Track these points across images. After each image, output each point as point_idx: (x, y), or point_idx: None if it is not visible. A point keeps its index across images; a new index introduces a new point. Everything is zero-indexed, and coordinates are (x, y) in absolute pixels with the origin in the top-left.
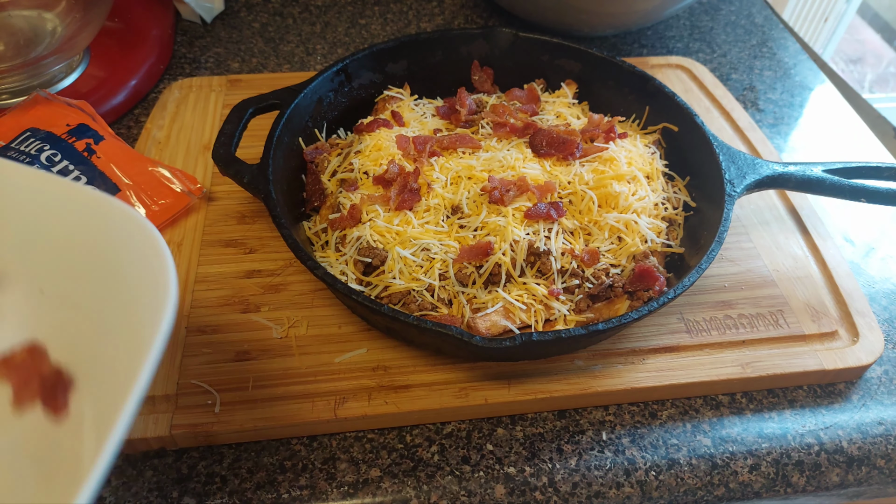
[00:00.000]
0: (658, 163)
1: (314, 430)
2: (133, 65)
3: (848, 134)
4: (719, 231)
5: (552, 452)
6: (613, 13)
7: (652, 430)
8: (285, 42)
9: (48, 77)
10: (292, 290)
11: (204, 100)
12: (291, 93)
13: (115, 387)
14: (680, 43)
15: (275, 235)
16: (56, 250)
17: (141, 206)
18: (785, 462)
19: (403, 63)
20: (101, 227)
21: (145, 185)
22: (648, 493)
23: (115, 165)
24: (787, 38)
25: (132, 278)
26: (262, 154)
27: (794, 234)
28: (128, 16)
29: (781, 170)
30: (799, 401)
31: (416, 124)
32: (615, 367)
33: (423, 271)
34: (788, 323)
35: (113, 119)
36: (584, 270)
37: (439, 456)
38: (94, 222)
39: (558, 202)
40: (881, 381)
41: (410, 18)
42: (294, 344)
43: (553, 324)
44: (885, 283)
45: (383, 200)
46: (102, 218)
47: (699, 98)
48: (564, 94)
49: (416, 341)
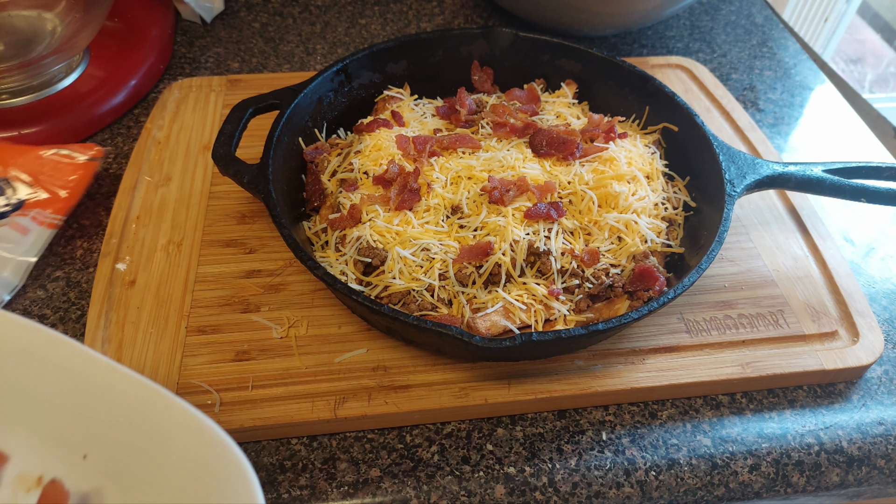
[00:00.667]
0: (658, 163)
1: (314, 430)
2: (133, 65)
3: (848, 134)
4: (719, 231)
5: (552, 452)
6: (613, 13)
7: (652, 430)
8: (285, 42)
9: (48, 77)
10: (292, 290)
11: (204, 100)
12: (291, 93)
13: None
14: (680, 43)
15: (275, 235)
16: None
17: (46, 193)
18: (785, 462)
19: (403, 63)
20: (200, 460)
21: (45, 172)
22: (648, 493)
23: (4, 165)
24: (787, 38)
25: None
26: (262, 154)
27: (794, 234)
28: (128, 16)
29: (781, 170)
30: (799, 401)
31: (416, 124)
32: (615, 367)
33: (423, 271)
34: (788, 323)
35: (113, 119)
36: (584, 270)
37: (439, 456)
38: (195, 453)
39: (558, 202)
40: (881, 381)
41: (410, 18)
42: (294, 344)
43: (553, 324)
44: (885, 283)
45: (383, 200)
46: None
47: (699, 98)
48: (564, 94)
49: (416, 341)
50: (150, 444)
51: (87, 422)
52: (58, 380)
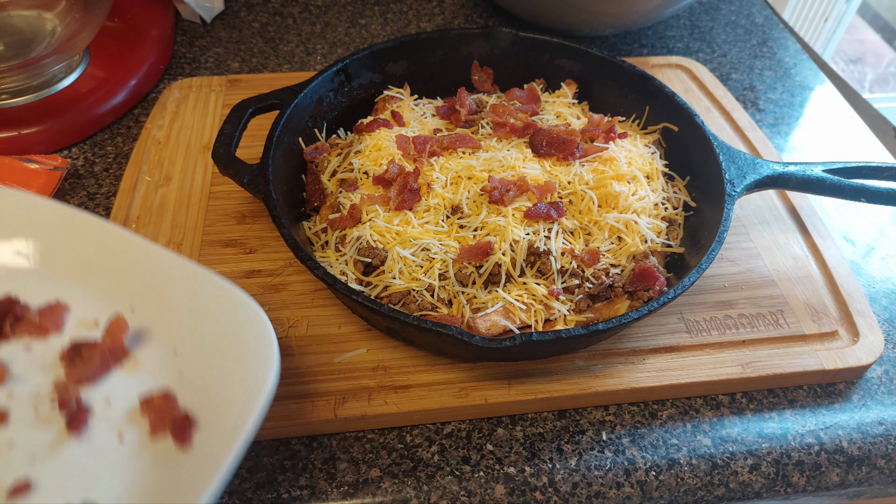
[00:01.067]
0: (658, 163)
1: (314, 430)
2: (133, 65)
3: (848, 134)
4: (719, 231)
5: (552, 452)
6: (613, 13)
7: (652, 430)
8: (285, 42)
9: (48, 77)
10: (292, 290)
11: (204, 100)
12: (291, 93)
13: (227, 432)
14: (680, 43)
15: (275, 235)
16: (190, 321)
17: None
18: (785, 462)
19: (403, 63)
20: (226, 309)
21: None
22: (648, 493)
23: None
24: (787, 38)
25: (244, 349)
26: (262, 154)
27: (794, 234)
28: (128, 16)
29: (781, 170)
30: (799, 401)
31: (416, 124)
32: (615, 367)
33: (423, 271)
34: (788, 323)
35: (113, 119)
36: (584, 270)
37: (439, 456)
38: (220, 304)
39: (558, 202)
40: (881, 381)
41: (410, 18)
42: (294, 344)
43: (553, 324)
44: (885, 283)
45: (383, 200)
46: (227, 301)
47: (699, 98)
48: (564, 94)
49: (416, 341)
50: (186, 300)
51: (135, 284)
52: (109, 253)
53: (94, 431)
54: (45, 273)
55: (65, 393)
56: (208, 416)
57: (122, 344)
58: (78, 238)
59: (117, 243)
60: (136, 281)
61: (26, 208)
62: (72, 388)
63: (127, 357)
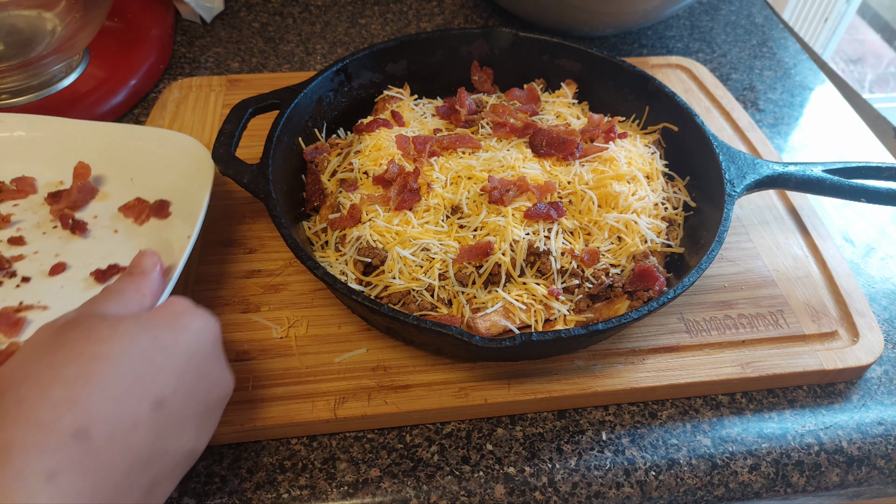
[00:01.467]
0: (658, 163)
1: (314, 430)
2: (133, 64)
3: (848, 134)
4: (719, 231)
5: (552, 452)
6: (613, 13)
7: (652, 430)
8: (285, 42)
9: (48, 77)
10: (292, 290)
11: (204, 100)
12: (291, 93)
13: (191, 205)
14: (680, 43)
15: (275, 235)
16: (136, 159)
17: None
18: (785, 462)
19: (403, 63)
20: (163, 143)
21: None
22: (648, 493)
23: None
24: (787, 38)
25: (191, 165)
26: (262, 154)
27: (794, 234)
28: (128, 16)
29: (781, 170)
30: (799, 401)
31: (416, 124)
32: (615, 367)
33: (423, 271)
34: (788, 323)
35: (113, 119)
36: (583, 270)
37: (439, 456)
38: (157, 141)
39: (558, 202)
40: (881, 381)
41: (410, 18)
42: (294, 344)
43: (553, 324)
44: (885, 283)
45: (383, 200)
46: (162, 139)
47: (699, 98)
48: (564, 94)
49: (416, 341)
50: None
51: (90, 150)
52: (69, 138)
53: (94, 232)
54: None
55: (60, 215)
56: (177, 199)
57: (89, 181)
58: (49, 133)
59: (76, 130)
60: (92, 148)
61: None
62: (66, 212)
63: (96, 193)
